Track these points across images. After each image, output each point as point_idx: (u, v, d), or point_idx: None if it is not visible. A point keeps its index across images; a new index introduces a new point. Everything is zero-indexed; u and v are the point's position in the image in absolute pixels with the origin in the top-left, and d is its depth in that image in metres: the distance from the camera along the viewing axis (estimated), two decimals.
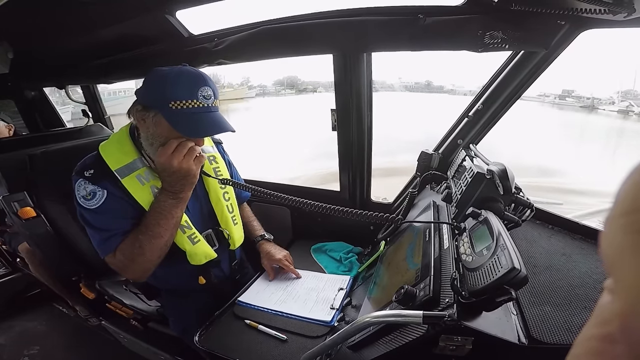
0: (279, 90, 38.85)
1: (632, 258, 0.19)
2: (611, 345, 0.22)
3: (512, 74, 1.22)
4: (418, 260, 0.91)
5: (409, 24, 1.10)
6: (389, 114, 15.37)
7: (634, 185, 0.21)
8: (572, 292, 0.85)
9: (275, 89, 39.12)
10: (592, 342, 0.24)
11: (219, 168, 1.40)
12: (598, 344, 0.23)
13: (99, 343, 2.21)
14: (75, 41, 1.69)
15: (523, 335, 0.71)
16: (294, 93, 38.15)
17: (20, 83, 2.57)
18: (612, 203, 0.22)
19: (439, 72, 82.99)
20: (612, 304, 0.23)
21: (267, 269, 1.43)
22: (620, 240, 0.20)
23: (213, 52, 1.50)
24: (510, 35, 0.99)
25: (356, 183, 1.72)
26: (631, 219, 0.20)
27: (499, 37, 1.00)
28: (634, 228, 0.20)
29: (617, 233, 0.21)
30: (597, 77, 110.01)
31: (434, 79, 67.21)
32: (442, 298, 0.71)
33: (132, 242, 1.14)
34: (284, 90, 39.01)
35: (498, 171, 0.89)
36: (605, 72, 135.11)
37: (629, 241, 0.20)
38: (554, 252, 1.03)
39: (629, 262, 0.20)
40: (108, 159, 1.15)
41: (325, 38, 1.29)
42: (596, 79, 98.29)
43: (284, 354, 1.04)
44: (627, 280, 0.20)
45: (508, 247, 0.64)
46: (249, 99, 31.36)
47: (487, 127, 1.36)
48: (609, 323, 0.23)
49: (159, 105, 1.08)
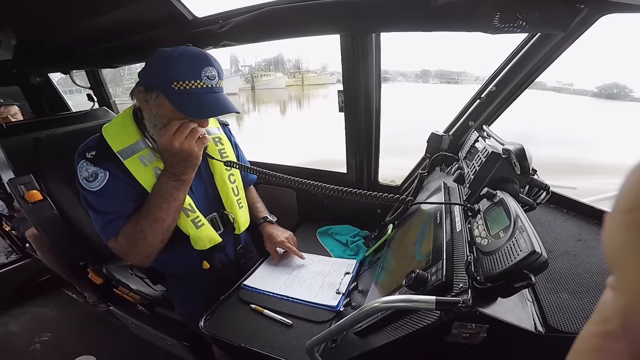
0: None
1: (635, 256, 0.20)
2: (613, 342, 0.23)
3: (527, 57, 1.17)
4: (429, 243, 0.88)
5: (420, 4, 1.06)
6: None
7: (637, 181, 0.21)
8: (590, 279, 0.81)
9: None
10: (594, 339, 0.24)
11: (224, 150, 1.37)
12: (600, 341, 0.24)
13: (108, 329, 2.24)
14: (78, 26, 1.67)
15: (540, 324, 0.67)
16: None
17: (24, 69, 2.57)
18: (615, 199, 0.22)
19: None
20: (614, 301, 0.23)
21: (272, 252, 1.42)
22: (622, 238, 0.20)
23: (218, 34, 1.47)
24: (526, 17, 0.94)
25: (363, 165, 1.70)
26: (634, 216, 0.20)
27: (515, 19, 0.95)
28: (636, 225, 0.20)
29: (619, 230, 0.21)
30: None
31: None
32: (455, 283, 0.68)
33: (134, 226, 1.12)
34: None
35: (515, 150, 0.85)
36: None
37: (631, 238, 0.20)
38: (569, 237, 0.99)
39: (631, 259, 0.20)
40: (110, 141, 1.13)
41: (333, 18, 1.25)
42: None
43: (289, 339, 1.02)
44: (630, 277, 0.20)
45: (527, 229, 0.60)
46: (329, 85, 31.23)
47: (500, 110, 1.32)
48: (611, 320, 0.23)
49: (161, 86, 1.06)
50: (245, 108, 26.24)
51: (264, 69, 34.16)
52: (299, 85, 34.94)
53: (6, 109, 2.43)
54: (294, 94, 30.81)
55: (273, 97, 29.85)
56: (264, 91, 29.13)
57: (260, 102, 28.81)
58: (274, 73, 35.89)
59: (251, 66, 36.42)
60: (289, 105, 26.15)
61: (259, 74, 33.14)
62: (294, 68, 41.42)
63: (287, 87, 34.54)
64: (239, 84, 29.35)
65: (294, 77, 37.55)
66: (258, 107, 26.26)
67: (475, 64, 70.37)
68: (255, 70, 34.86)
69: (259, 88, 31.01)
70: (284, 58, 46.51)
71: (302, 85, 36.41)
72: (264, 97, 28.17)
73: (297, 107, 19.76)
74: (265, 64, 35.60)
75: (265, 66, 34.57)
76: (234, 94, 27.97)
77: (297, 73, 37.36)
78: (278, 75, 34.74)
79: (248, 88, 31.19)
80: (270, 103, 28.53)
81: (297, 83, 33.97)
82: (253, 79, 32.30)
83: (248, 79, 32.33)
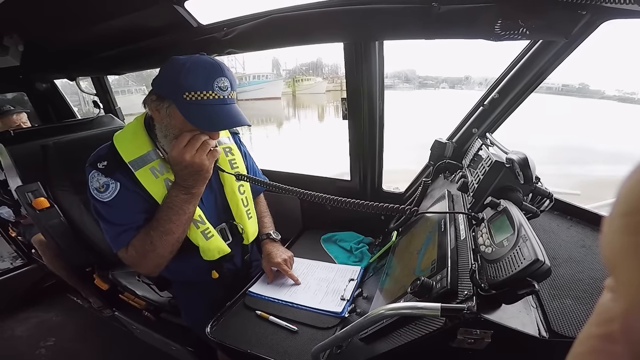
0: (396, 84, 37.25)
1: (633, 259, 0.20)
2: (611, 344, 0.23)
3: (530, 63, 1.18)
4: (433, 251, 0.89)
5: (422, 12, 1.06)
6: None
7: (635, 185, 0.21)
8: (593, 285, 0.82)
9: (392, 82, 37.36)
10: (593, 341, 0.25)
11: (235, 160, 1.36)
12: (598, 343, 0.24)
13: (113, 334, 2.24)
14: (84, 33, 1.69)
15: (544, 329, 0.68)
16: (412, 88, 36.33)
17: (30, 76, 2.59)
18: (613, 203, 0.22)
19: (594, 72, 67.66)
20: (613, 304, 0.24)
21: (266, 271, 1.37)
22: (620, 241, 0.21)
23: (222, 41, 1.48)
24: (528, 24, 0.95)
25: (367, 172, 1.70)
26: (632, 219, 0.20)
27: (516, 26, 0.96)
28: (634, 229, 0.20)
29: (617, 233, 0.21)
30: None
31: (589, 81, 57.05)
32: (460, 290, 0.69)
33: (144, 237, 1.12)
34: (402, 83, 37.49)
35: (519, 160, 0.86)
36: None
37: (630, 242, 0.20)
38: (573, 243, 1.00)
39: (630, 262, 0.20)
40: (122, 150, 1.13)
41: (337, 26, 1.26)
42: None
43: (294, 345, 1.03)
44: (628, 280, 0.20)
45: (530, 238, 0.62)
46: None
47: (503, 117, 1.33)
48: (609, 323, 0.23)
49: (172, 96, 1.05)
50: (286, 113, 25.90)
51: (304, 73, 33.89)
52: (339, 90, 34.86)
53: (18, 117, 2.46)
54: (333, 99, 30.63)
55: (314, 102, 29.09)
56: (305, 96, 28.97)
57: (300, 106, 28.50)
58: (315, 78, 35.54)
59: (291, 70, 36.06)
60: (328, 110, 25.91)
61: (299, 78, 32.94)
62: (332, 73, 40.90)
63: (327, 92, 34.13)
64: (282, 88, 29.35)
65: (332, 82, 37.47)
66: (298, 113, 25.98)
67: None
68: (296, 74, 34.54)
69: (300, 92, 30.85)
70: (322, 62, 46.21)
71: (341, 90, 35.43)
72: (305, 102, 27.92)
73: (335, 114, 19.37)
74: (305, 68, 35.34)
75: (305, 70, 34.30)
76: (278, 98, 27.91)
77: (336, 78, 37.14)
78: (318, 80, 34.39)
79: (289, 92, 30.98)
80: (309, 108, 28.31)
81: (337, 88, 33.74)
82: (294, 83, 32.12)
83: (289, 83, 32.13)
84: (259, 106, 25.56)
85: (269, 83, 27.80)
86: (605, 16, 0.95)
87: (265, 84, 27.59)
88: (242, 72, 29.04)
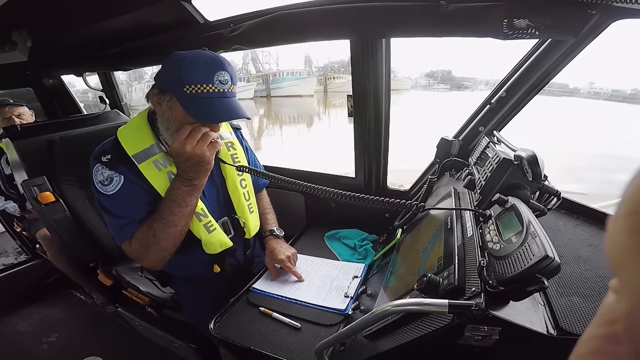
0: (432, 84, 35.55)
1: (637, 259, 0.20)
2: (615, 345, 0.23)
3: (538, 62, 1.18)
4: (439, 249, 0.88)
5: (430, 10, 1.06)
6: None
7: (639, 186, 0.21)
8: (601, 283, 0.81)
9: (428, 82, 35.75)
10: (596, 342, 0.24)
11: (236, 154, 1.38)
12: (602, 344, 0.24)
13: (115, 330, 2.24)
14: (91, 29, 1.70)
15: (552, 326, 0.68)
16: (448, 89, 34.47)
17: (37, 71, 2.60)
18: (618, 203, 0.22)
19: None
20: (617, 304, 0.23)
21: (270, 268, 1.36)
22: (625, 241, 0.21)
23: (229, 38, 1.48)
24: (537, 23, 0.94)
25: (372, 169, 1.70)
26: (637, 219, 0.20)
27: (525, 25, 0.95)
28: (638, 229, 0.20)
29: (622, 234, 0.21)
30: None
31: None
32: (467, 287, 0.68)
33: (147, 230, 1.13)
34: (437, 84, 35.59)
35: (527, 157, 0.85)
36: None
37: (634, 242, 0.20)
38: (580, 242, 0.99)
39: (634, 263, 0.20)
40: (125, 144, 1.15)
41: (344, 23, 1.26)
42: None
43: (297, 342, 1.03)
44: (633, 281, 0.20)
45: (539, 234, 0.61)
46: (403, 91, 30.41)
47: (510, 115, 1.32)
48: (613, 323, 0.23)
49: (173, 89, 1.07)
50: (316, 110, 25.66)
51: (336, 70, 33.67)
52: None
53: (11, 109, 2.39)
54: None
55: (345, 101, 29.89)
56: (336, 94, 28.87)
57: (330, 105, 28.28)
58: (346, 76, 35.30)
59: (323, 67, 35.68)
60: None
61: (331, 76, 32.76)
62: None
63: None
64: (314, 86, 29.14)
65: None
66: (328, 111, 25.73)
67: (574, 73, 59.95)
68: (328, 72, 34.24)
69: (331, 90, 30.69)
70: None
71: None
72: (335, 101, 27.78)
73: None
74: (337, 66, 35.18)
75: (337, 68, 34.11)
76: (311, 95, 27.71)
77: None
78: (350, 79, 34.41)
79: (320, 90, 30.74)
80: (340, 107, 28.11)
81: None
82: (326, 80, 31.96)
83: (321, 80, 31.93)
84: (295, 103, 25.58)
85: (303, 80, 27.57)
86: (615, 16, 0.94)
87: (299, 80, 27.35)
88: (276, 69, 28.68)
